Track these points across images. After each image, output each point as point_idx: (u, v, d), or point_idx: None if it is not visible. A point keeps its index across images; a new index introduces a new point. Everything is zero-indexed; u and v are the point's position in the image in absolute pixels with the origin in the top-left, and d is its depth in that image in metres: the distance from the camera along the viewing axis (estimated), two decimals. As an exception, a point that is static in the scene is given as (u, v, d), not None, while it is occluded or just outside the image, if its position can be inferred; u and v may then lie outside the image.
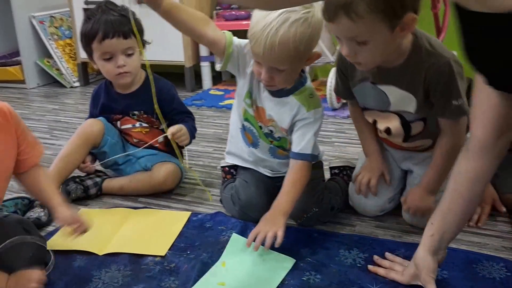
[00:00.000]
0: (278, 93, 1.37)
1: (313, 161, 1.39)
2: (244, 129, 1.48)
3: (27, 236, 1.24)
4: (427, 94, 1.25)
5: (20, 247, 1.21)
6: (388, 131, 1.38)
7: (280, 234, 1.23)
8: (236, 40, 1.37)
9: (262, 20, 1.19)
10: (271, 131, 1.43)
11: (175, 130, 1.59)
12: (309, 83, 1.39)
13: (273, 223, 1.25)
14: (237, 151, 1.54)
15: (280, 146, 1.46)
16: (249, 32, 1.25)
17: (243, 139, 1.50)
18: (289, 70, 1.27)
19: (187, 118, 1.73)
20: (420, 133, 1.37)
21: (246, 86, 1.41)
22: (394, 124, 1.36)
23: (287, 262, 1.25)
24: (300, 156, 1.36)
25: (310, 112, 1.36)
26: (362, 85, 1.33)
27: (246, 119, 1.46)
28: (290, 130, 1.40)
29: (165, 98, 1.68)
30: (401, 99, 1.29)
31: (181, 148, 1.68)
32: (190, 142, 1.73)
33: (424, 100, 1.27)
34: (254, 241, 1.24)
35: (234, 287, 1.19)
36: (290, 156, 1.38)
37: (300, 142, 1.36)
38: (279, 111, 1.38)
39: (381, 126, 1.39)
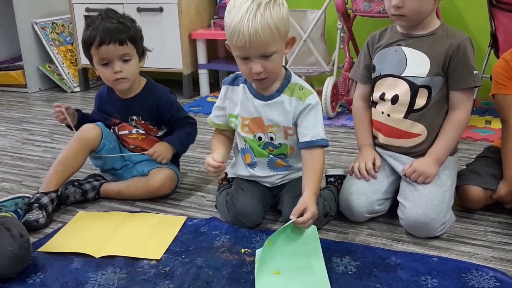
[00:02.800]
0: (270, 96, 1.41)
1: (326, 146, 1.40)
2: (244, 151, 1.51)
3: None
4: (445, 64, 1.43)
5: None
6: (395, 98, 1.48)
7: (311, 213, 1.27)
8: (213, 118, 1.54)
9: (236, 14, 1.26)
10: (272, 138, 1.45)
11: (151, 153, 1.69)
12: (294, 79, 1.43)
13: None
14: (237, 173, 1.57)
15: (280, 154, 1.47)
16: (227, 31, 1.30)
17: (243, 162, 1.53)
18: (276, 55, 1.32)
19: (184, 125, 1.76)
20: (422, 109, 1.46)
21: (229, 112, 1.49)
22: (402, 89, 1.47)
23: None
24: (313, 143, 1.38)
25: (306, 100, 1.39)
26: (387, 50, 1.51)
27: (245, 140, 1.49)
28: (295, 126, 1.42)
29: (163, 105, 1.71)
30: (418, 61, 1.45)
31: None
32: (184, 150, 1.78)
33: (437, 67, 1.43)
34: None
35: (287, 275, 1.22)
36: (301, 147, 1.39)
37: (308, 132, 1.38)
38: (278, 112, 1.41)
39: (389, 95, 1.49)
